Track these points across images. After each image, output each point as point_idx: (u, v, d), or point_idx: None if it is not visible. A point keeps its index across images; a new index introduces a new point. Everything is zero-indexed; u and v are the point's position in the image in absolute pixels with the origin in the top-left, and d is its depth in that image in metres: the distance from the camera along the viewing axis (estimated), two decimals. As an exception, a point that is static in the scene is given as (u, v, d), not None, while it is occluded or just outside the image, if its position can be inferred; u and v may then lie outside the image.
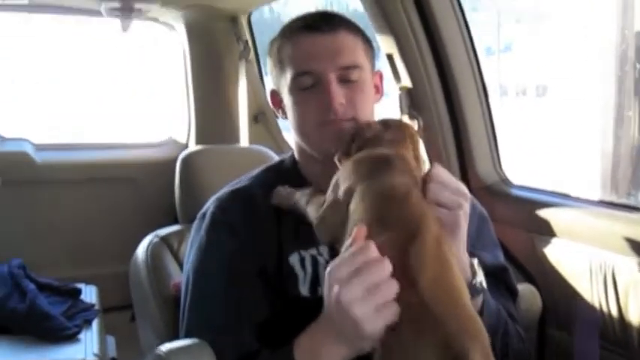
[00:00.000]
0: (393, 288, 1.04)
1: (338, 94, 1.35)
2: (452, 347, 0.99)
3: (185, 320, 1.36)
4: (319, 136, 1.37)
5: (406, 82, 2.19)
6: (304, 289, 1.31)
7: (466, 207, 1.20)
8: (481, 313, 1.25)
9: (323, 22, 1.41)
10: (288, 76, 1.40)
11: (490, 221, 1.56)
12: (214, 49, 2.90)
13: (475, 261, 1.25)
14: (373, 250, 1.06)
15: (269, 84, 1.58)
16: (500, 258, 1.50)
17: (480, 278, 1.24)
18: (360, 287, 1.04)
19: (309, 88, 1.38)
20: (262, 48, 3.03)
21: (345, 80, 1.37)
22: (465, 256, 1.23)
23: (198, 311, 1.34)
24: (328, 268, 1.09)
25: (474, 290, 1.21)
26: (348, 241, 1.10)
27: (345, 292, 1.04)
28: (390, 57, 2.21)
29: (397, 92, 2.23)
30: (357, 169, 1.20)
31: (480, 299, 1.26)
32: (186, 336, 1.33)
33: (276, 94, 1.49)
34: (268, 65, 1.52)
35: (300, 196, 1.32)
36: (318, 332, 1.15)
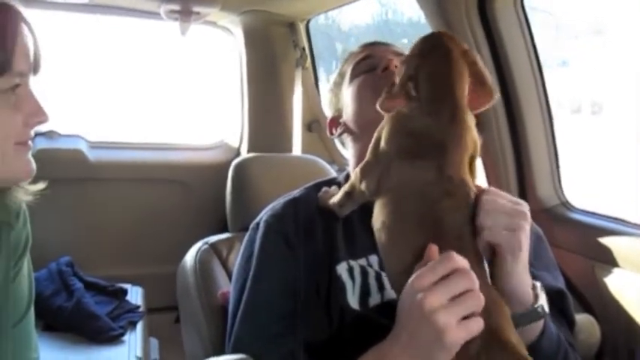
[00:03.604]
0: (479, 300, 1.02)
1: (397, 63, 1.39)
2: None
3: (236, 328, 1.33)
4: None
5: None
6: (353, 301, 1.27)
7: (527, 228, 1.14)
8: (540, 337, 1.20)
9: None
10: (347, 73, 1.48)
11: (546, 241, 1.50)
12: (271, 55, 2.88)
13: (538, 284, 1.20)
14: (458, 260, 1.03)
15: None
16: (560, 281, 1.43)
17: (542, 302, 1.18)
18: (445, 295, 1.01)
19: (370, 72, 1.44)
20: (318, 54, 3.01)
21: None
22: (527, 277, 1.18)
23: (250, 320, 1.31)
24: (410, 280, 1.05)
25: (534, 314, 1.17)
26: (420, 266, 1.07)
27: (429, 299, 1.01)
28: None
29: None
30: (399, 141, 1.15)
31: (540, 324, 1.20)
32: (235, 344, 1.31)
33: (334, 120, 1.54)
34: (328, 97, 1.59)
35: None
36: (385, 349, 1.10)
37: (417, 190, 1.11)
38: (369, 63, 1.46)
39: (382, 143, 1.17)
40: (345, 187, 1.28)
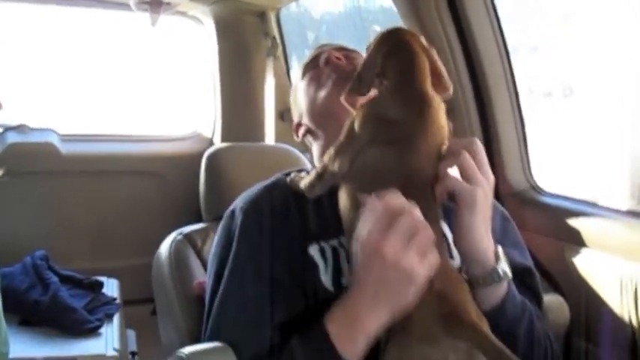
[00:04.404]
0: (429, 233, 1.08)
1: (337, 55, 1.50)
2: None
3: (212, 317, 1.34)
4: (328, 98, 1.46)
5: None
6: (327, 280, 1.29)
7: (486, 187, 1.19)
8: (504, 301, 1.24)
9: None
10: (300, 74, 1.58)
11: (512, 222, 1.54)
12: (242, 45, 2.88)
13: (500, 248, 1.24)
14: (393, 198, 1.09)
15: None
16: (528, 260, 1.47)
17: (504, 266, 1.22)
18: (398, 241, 1.06)
19: (314, 68, 1.53)
20: (289, 43, 3.01)
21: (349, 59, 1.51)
22: (489, 240, 1.22)
23: (227, 309, 1.33)
24: (355, 235, 1.12)
25: (495, 276, 1.21)
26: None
27: (386, 249, 1.06)
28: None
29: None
30: (372, 127, 1.20)
31: (502, 287, 1.24)
32: (212, 332, 1.32)
33: (298, 124, 1.61)
34: (291, 104, 1.68)
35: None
36: (353, 303, 1.14)
37: (379, 174, 1.17)
38: (314, 61, 1.54)
39: (356, 127, 1.22)
40: (317, 169, 1.31)
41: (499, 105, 2.08)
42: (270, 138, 2.81)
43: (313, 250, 1.32)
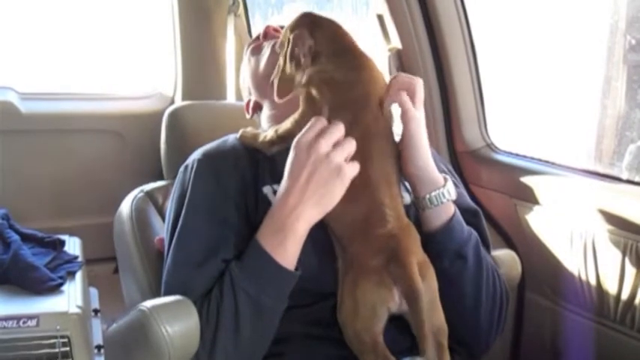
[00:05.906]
0: (352, 143, 1.23)
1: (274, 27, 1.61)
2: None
3: (167, 260, 1.39)
4: (268, 65, 1.56)
5: (396, 43, 2.18)
6: None
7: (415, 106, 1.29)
8: (452, 220, 1.32)
9: None
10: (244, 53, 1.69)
11: (457, 176, 1.64)
12: (203, 2, 2.86)
13: (447, 175, 1.34)
14: (324, 121, 1.24)
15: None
16: (473, 205, 1.54)
17: (450, 187, 1.31)
18: (329, 142, 1.21)
19: (256, 42, 1.64)
20: (251, 3, 2.99)
21: None
22: (433, 163, 1.31)
23: (179, 250, 1.37)
24: (297, 137, 1.24)
25: (446, 193, 1.30)
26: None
27: (320, 144, 1.21)
28: (380, 17, 2.19)
29: (387, 54, 2.22)
30: (327, 95, 1.28)
31: (450, 207, 1.33)
32: (166, 276, 1.37)
33: (248, 101, 1.70)
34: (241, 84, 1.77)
35: (265, 131, 1.42)
36: (280, 208, 1.25)
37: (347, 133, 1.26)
38: (256, 39, 1.66)
39: (315, 95, 1.29)
40: (280, 131, 1.36)
41: (456, 65, 2.11)
42: (231, 96, 2.81)
43: (267, 190, 1.38)
